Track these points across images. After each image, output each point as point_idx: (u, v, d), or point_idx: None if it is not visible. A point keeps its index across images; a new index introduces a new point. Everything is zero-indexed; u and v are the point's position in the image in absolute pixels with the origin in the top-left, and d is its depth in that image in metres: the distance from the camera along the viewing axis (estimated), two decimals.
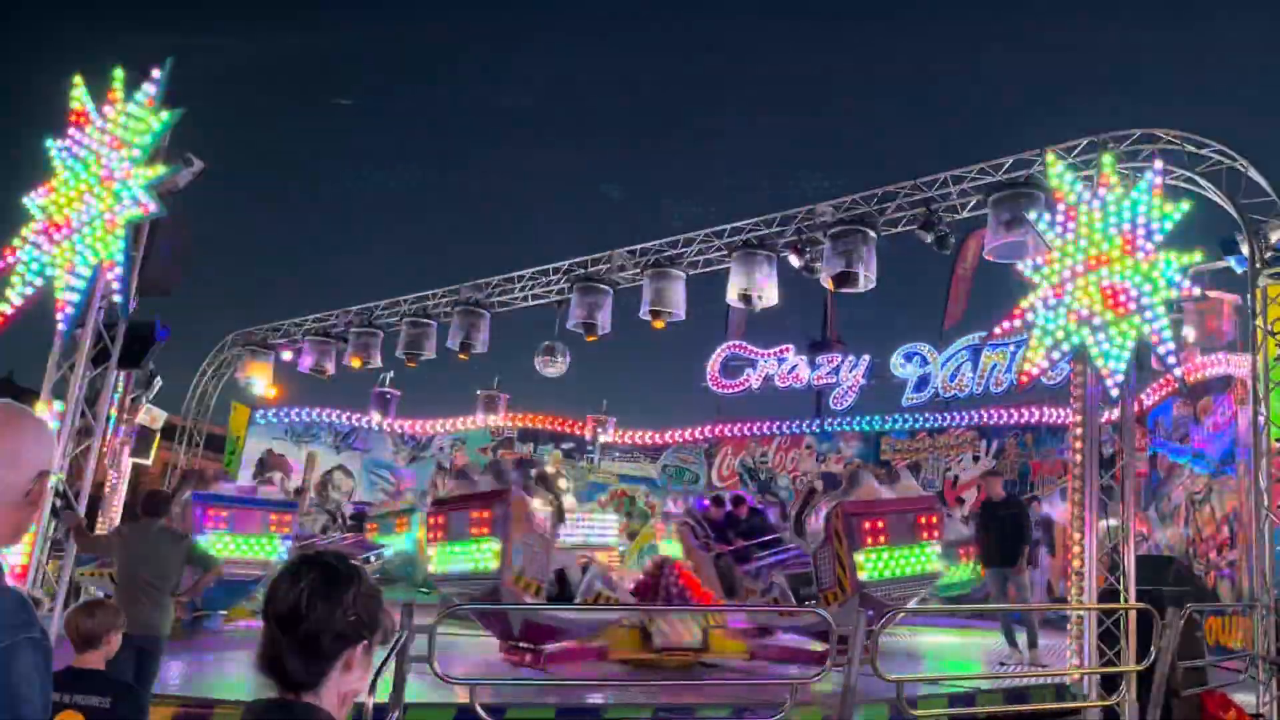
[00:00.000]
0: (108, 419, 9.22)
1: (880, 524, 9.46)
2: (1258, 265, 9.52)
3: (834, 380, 18.92)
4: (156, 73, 7.94)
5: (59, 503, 7.37)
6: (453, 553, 9.68)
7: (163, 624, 6.91)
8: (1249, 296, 9.72)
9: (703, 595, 10.53)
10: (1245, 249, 9.55)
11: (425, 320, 16.32)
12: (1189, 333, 11.28)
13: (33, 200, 7.83)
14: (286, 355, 18.06)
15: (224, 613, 13.00)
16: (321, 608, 1.80)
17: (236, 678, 8.67)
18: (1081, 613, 8.64)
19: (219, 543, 12.21)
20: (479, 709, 6.27)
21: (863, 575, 9.24)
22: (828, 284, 12.75)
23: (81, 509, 7.74)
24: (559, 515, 10.25)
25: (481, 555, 9.30)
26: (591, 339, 14.82)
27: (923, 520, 9.77)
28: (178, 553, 7.22)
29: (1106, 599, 8.60)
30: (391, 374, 20.48)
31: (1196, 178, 10.03)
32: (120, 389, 13.81)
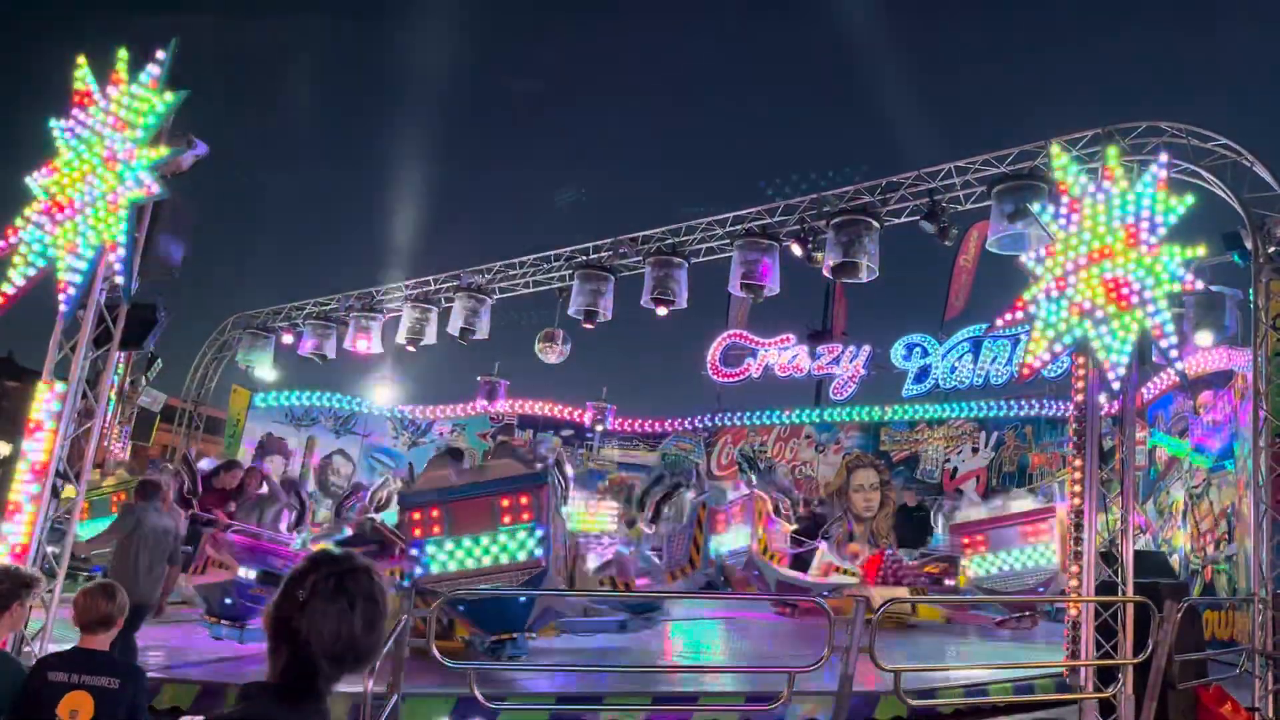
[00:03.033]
0: (108, 401, 9.23)
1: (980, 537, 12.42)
2: (1261, 260, 9.49)
3: (834, 370, 18.92)
4: (161, 54, 7.88)
5: (59, 483, 7.40)
6: (722, 537, 13.49)
7: (157, 594, 8.06)
8: (1252, 291, 9.70)
9: (918, 576, 12.85)
10: (1249, 243, 9.54)
11: (426, 305, 16.31)
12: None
13: (35, 181, 7.79)
14: (287, 339, 18.05)
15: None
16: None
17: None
18: (1079, 605, 8.65)
19: None
20: (478, 695, 6.27)
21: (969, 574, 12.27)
22: (828, 273, 12.74)
23: (81, 490, 7.74)
24: (794, 507, 14.04)
25: (740, 537, 13.13)
26: (591, 326, 14.82)
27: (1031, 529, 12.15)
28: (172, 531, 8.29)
29: (1104, 592, 8.61)
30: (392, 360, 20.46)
31: (1201, 171, 10.00)
32: (120, 371, 13.79)
